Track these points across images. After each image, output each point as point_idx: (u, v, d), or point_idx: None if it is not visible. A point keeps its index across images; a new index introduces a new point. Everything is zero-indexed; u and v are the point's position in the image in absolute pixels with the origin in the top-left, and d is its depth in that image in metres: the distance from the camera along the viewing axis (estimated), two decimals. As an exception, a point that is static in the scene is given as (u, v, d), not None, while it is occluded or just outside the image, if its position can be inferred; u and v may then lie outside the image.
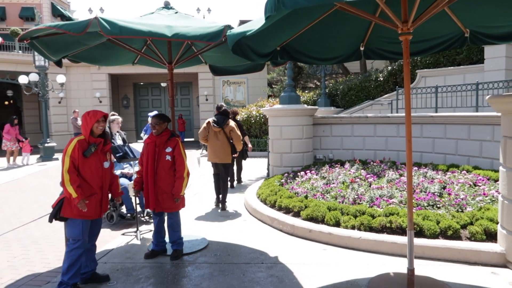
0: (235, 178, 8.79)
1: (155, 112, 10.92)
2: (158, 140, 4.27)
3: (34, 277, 4.11)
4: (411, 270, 3.39)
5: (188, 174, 4.27)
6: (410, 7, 3.22)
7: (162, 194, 4.26)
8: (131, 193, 5.73)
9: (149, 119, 10.91)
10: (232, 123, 6.64)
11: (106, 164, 3.73)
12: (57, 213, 3.53)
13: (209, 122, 6.61)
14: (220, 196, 6.70)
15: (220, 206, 6.64)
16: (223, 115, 6.63)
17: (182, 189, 4.20)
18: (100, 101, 20.88)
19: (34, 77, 14.52)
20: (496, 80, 9.83)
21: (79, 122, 13.98)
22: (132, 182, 5.64)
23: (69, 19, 31.45)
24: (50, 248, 5.02)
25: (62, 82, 15.53)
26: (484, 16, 3.83)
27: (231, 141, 6.61)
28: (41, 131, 16.55)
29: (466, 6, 3.66)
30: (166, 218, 4.46)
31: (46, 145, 15.00)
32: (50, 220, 3.60)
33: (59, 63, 4.61)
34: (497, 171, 5.64)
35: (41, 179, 10.69)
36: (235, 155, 6.82)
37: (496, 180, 5.56)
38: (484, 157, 6.46)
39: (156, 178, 4.27)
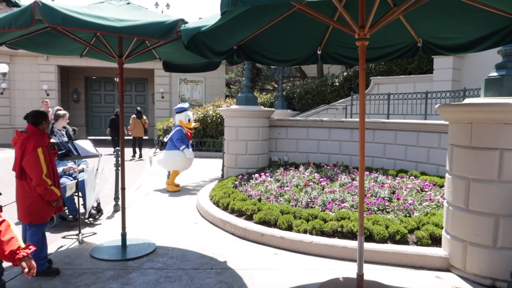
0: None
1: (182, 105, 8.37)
2: None
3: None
4: (360, 275, 3.40)
5: None
6: (367, 13, 3.23)
7: None
8: (68, 193, 5.30)
9: (179, 117, 8.27)
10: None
11: None
12: None
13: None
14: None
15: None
16: (140, 113, 13.16)
17: None
18: (48, 94, 19.64)
19: (-28, 64, 13.42)
20: (443, 90, 10.32)
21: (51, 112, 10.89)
22: (73, 182, 5.27)
23: (16, 4, 29.43)
24: None
25: (4, 72, 14.52)
26: (436, 27, 3.94)
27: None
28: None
29: (420, 17, 3.76)
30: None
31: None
32: None
33: None
34: (442, 177, 5.86)
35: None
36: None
37: (441, 186, 5.77)
38: (431, 163, 6.72)
39: None
